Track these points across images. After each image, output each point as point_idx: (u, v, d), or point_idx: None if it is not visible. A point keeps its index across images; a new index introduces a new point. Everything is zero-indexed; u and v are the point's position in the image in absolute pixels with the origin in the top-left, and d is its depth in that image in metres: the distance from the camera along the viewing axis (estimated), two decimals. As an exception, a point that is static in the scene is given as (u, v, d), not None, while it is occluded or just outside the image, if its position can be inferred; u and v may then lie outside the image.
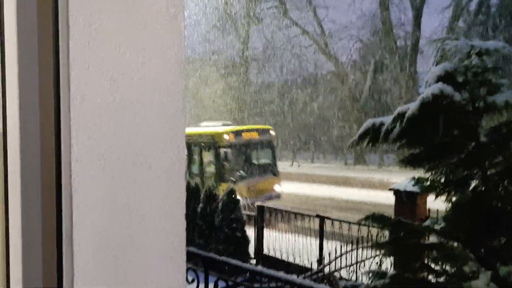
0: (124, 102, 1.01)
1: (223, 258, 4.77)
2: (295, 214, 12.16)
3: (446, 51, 2.41)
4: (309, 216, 10.80)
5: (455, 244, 2.73)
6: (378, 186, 19.53)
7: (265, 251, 10.27)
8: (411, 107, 2.39)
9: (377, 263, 7.53)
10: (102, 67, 0.97)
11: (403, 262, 2.96)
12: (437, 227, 2.80)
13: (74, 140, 0.93)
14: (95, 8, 0.96)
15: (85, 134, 0.95)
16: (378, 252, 3.53)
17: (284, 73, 31.62)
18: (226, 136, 15.37)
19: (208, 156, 16.08)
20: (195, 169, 16.22)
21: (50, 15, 0.92)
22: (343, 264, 8.47)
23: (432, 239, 3.12)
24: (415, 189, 3.51)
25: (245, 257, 9.68)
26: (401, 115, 2.48)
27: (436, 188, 2.67)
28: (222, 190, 13.87)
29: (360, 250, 8.35)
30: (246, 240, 9.85)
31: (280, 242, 10.14)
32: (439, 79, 2.44)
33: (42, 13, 0.92)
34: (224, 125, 17.19)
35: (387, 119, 2.65)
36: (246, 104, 31.62)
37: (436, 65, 2.63)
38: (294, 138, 31.27)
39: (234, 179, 15.04)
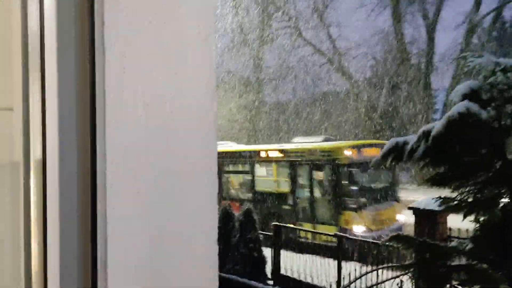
0: (157, 128, 1.00)
1: (239, 279, 4.70)
2: (313, 233, 12.02)
3: (471, 68, 2.37)
4: (327, 235, 10.66)
5: (485, 265, 2.64)
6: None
7: (282, 271, 10.14)
8: (437, 126, 2.35)
9: (397, 284, 7.36)
10: (136, 93, 0.97)
11: (429, 284, 2.87)
12: (463, 246, 2.73)
13: (109, 165, 0.93)
14: (129, 36, 0.96)
15: (119, 160, 0.94)
16: (400, 274, 3.44)
17: (298, 91, 31.72)
18: (347, 152, 12.51)
19: (321, 177, 13.24)
20: (300, 193, 13.67)
21: (87, 44, 0.92)
22: (363, 286, 8.32)
23: (459, 260, 3.04)
24: (435, 207, 3.43)
25: (262, 277, 9.56)
26: (426, 134, 2.44)
27: (464, 208, 2.61)
28: (344, 220, 12.21)
29: (380, 271, 8.19)
30: (263, 260, 9.75)
31: (297, 262, 10.01)
32: (465, 97, 2.41)
33: (80, 43, 0.92)
34: (326, 140, 14.55)
35: (411, 138, 2.61)
36: (260, 121, 31.68)
37: (455, 83, 2.59)
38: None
39: (356, 206, 12.38)
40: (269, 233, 10.71)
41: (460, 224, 3.76)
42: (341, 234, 9.78)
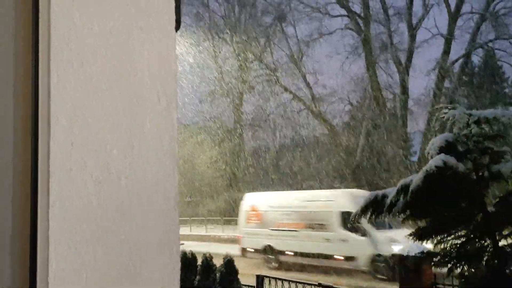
0: (110, 205, 0.90)
1: None
2: (296, 283, 11.68)
3: (445, 120, 2.37)
4: (310, 284, 10.37)
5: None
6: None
7: (266, 326, 9.73)
8: (415, 180, 2.31)
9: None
10: (85, 168, 0.88)
11: None
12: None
13: (52, 251, 0.82)
14: (80, 104, 0.88)
15: (65, 245, 0.84)
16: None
17: (278, 137, 31.94)
18: None
19: None
20: None
21: (29, 113, 0.84)
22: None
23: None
24: (419, 253, 3.34)
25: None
26: (404, 188, 2.39)
27: (447, 263, 2.53)
28: None
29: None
30: (245, 315, 9.37)
31: (282, 315, 9.64)
32: (441, 150, 2.39)
33: (20, 111, 0.84)
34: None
35: (390, 191, 2.56)
36: (240, 169, 31.63)
37: (430, 133, 2.58)
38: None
39: None
40: (251, 285, 10.36)
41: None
42: (326, 284, 9.52)
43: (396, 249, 8.22)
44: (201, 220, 31.43)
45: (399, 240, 11.39)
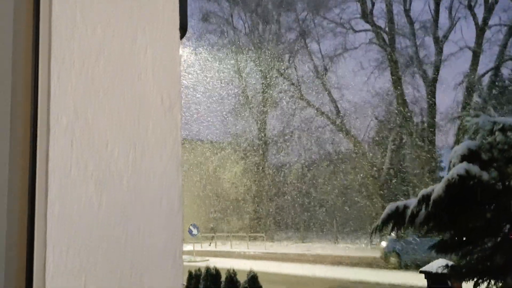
0: (111, 207, 0.89)
1: None
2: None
3: (467, 128, 2.29)
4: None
5: None
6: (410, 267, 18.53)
7: None
8: (436, 189, 2.23)
9: None
10: (86, 168, 0.87)
11: None
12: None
13: (50, 256, 0.81)
14: (81, 104, 0.88)
15: (62, 248, 0.82)
16: None
17: (303, 153, 31.78)
18: None
19: None
20: None
21: (28, 112, 0.83)
22: None
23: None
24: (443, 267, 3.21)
25: None
26: (426, 198, 2.31)
27: (473, 277, 2.42)
28: None
29: None
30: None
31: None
32: (464, 158, 2.30)
33: (19, 109, 0.84)
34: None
35: (411, 202, 2.47)
36: (263, 185, 31.54)
37: (457, 143, 2.50)
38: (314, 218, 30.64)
39: None
40: (275, 302, 10.21)
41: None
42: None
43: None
44: (226, 237, 31.37)
45: None
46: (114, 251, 0.89)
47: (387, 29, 29.46)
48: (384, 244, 16.46)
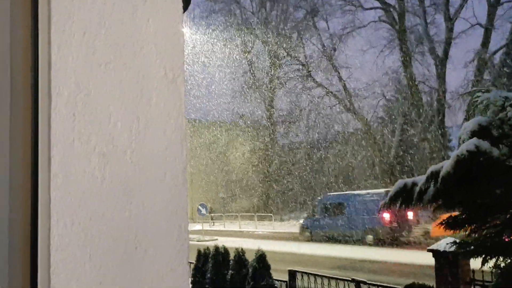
0: (114, 180, 0.88)
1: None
2: (329, 278, 11.55)
3: (478, 104, 2.25)
4: (343, 280, 10.23)
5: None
6: (414, 246, 18.61)
7: (299, 320, 9.68)
8: (445, 166, 2.20)
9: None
10: (89, 141, 0.86)
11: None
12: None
13: (55, 226, 0.81)
14: (82, 76, 0.86)
15: (67, 218, 0.82)
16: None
17: (311, 133, 31.70)
18: None
19: None
20: None
21: (29, 84, 0.82)
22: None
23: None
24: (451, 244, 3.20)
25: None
26: (434, 174, 2.28)
27: (481, 254, 2.41)
28: None
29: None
30: (278, 309, 9.34)
31: (314, 311, 9.56)
32: (474, 134, 2.26)
33: (20, 80, 0.82)
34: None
35: (420, 179, 2.45)
36: (272, 164, 31.59)
37: (467, 120, 2.46)
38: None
39: None
40: (284, 280, 10.32)
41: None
42: (359, 279, 9.37)
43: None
44: (235, 216, 31.60)
45: None
46: (118, 224, 0.88)
47: (396, 6, 28.94)
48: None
